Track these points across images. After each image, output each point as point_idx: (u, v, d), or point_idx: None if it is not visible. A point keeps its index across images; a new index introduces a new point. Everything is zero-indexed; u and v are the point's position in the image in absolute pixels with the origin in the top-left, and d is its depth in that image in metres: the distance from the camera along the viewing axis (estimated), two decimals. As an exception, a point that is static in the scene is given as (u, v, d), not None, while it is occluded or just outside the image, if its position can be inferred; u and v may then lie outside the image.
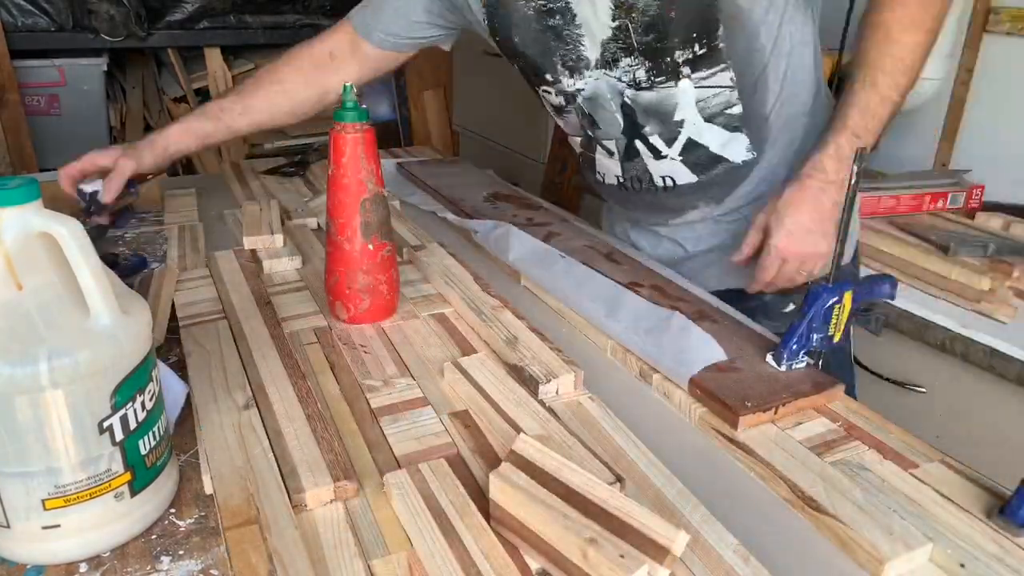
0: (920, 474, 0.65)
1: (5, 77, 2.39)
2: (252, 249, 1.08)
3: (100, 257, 0.54)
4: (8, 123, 2.40)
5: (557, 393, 0.76)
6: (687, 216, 1.10)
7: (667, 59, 0.96)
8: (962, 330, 1.25)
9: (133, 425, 0.56)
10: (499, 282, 1.02)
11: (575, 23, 0.97)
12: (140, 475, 0.58)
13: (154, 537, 0.59)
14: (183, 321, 0.87)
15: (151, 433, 0.58)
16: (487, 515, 0.57)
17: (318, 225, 1.21)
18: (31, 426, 0.52)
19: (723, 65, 0.95)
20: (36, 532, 0.55)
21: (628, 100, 1.01)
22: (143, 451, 0.58)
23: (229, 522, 0.57)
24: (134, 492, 0.58)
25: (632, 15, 0.93)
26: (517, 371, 0.78)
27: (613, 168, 1.11)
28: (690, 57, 0.95)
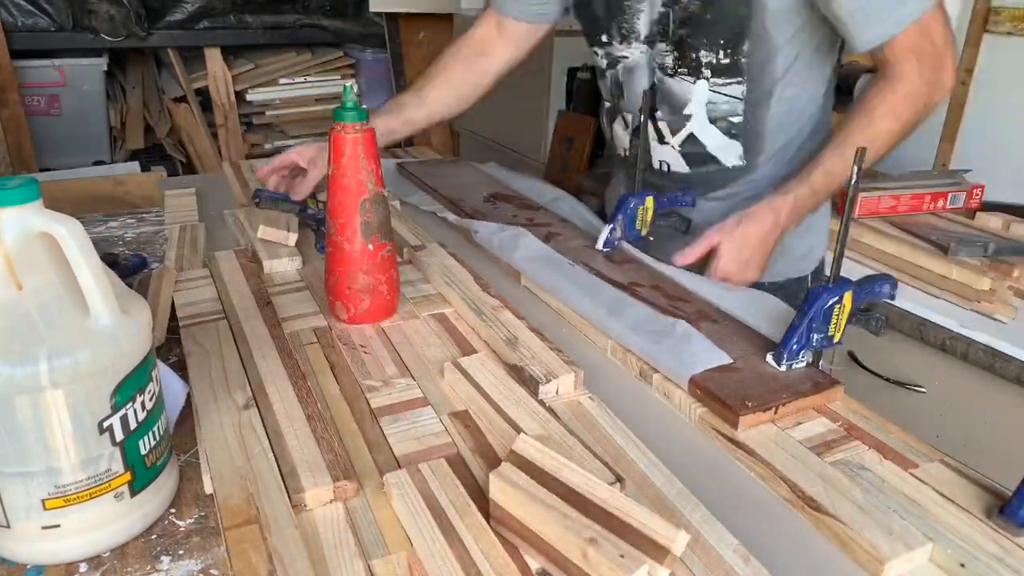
0: (920, 474, 0.65)
1: (5, 77, 2.39)
2: (253, 250, 1.08)
3: (100, 257, 0.54)
4: (8, 123, 2.40)
5: (557, 393, 0.76)
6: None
7: (693, 55, 1.05)
8: (962, 330, 1.25)
9: (133, 425, 0.56)
10: (499, 282, 1.02)
11: None
12: (140, 475, 0.58)
13: (154, 537, 0.59)
14: (183, 321, 0.87)
15: (151, 433, 0.58)
16: (487, 515, 0.57)
17: None
18: (31, 426, 0.52)
19: (739, 78, 1.04)
20: (36, 532, 0.55)
21: (656, 81, 1.11)
22: (143, 451, 0.58)
23: (229, 522, 0.57)
24: (134, 492, 0.58)
25: (677, 5, 1.03)
26: (517, 371, 0.78)
27: (623, 141, 1.21)
28: (713, 62, 1.04)
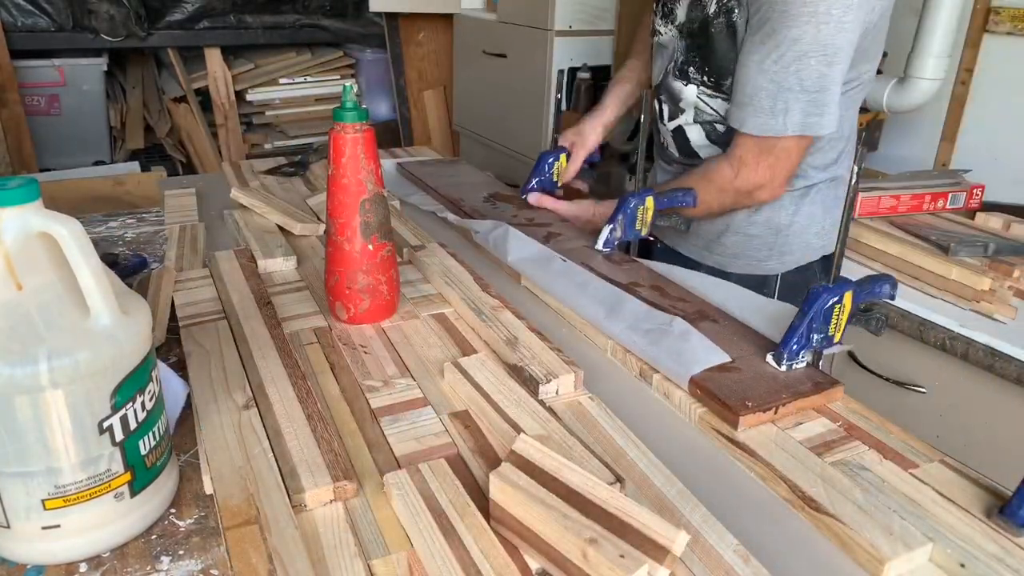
0: (920, 474, 0.65)
1: (5, 77, 2.39)
2: (251, 252, 1.08)
3: (100, 257, 0.54)
4: (8, 123, 2.40)
5: (557, 393, 0.76)
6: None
7: (687, 62, 1.15)
8: (962, 330, 1.25)
9: (133, 425, 0.56)
10: (499, 282, 1.02)
11: None
12: (140, 475, 0.58)
13: (154, 537, 0.59)
14: (183, 321, 0.87)
15: (151, 433, 0.58)
16: (487, 515, 0.57)
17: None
18: (31, 426, 0.52)
19: (724, 98, 1.12)
20: (36, 532, 0.55)
21: (668, 68, 1.20)
22: (143, 451, 0.58)
23: (229, 522, 0.57)
24: (134, 492, 0.58)
25: (697, 8, 1.12)
26: (517, 371, 0.78)
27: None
28: (700, 78, 1.14)
